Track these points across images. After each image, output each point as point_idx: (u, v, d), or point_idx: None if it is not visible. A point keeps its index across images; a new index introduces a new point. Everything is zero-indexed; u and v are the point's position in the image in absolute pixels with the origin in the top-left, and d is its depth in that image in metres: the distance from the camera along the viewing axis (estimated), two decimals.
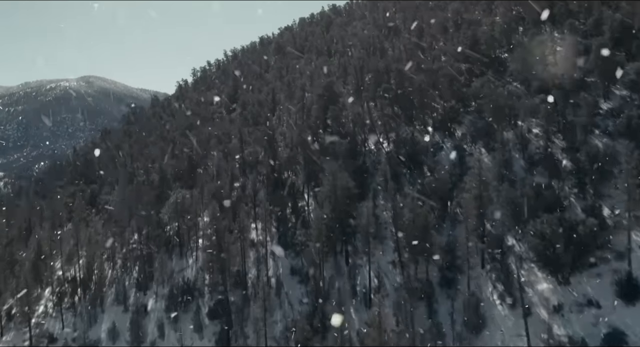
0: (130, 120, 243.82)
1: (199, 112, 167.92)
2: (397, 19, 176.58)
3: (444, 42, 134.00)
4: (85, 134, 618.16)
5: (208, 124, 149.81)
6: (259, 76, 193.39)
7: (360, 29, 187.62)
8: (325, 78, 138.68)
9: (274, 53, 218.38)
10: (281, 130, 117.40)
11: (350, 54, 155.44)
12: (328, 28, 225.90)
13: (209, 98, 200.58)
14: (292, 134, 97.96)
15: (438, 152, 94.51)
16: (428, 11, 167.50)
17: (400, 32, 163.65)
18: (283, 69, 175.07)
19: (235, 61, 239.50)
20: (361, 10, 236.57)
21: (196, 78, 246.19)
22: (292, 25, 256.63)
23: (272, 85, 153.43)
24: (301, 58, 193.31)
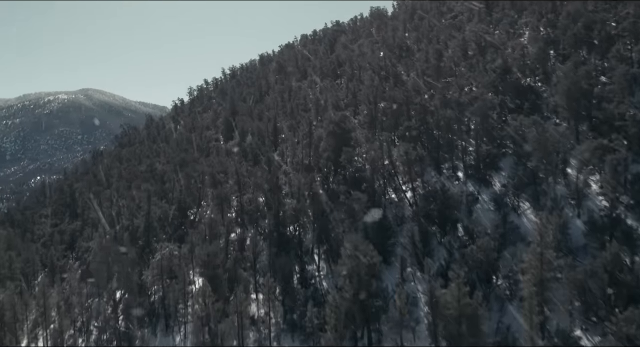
0: (122, 142, 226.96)
1: (193, 139, 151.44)
2: (409, 38, 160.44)
3: (468, 68, 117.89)
4: (83, 148, 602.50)
5: (202, 157, 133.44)
6: (259, 98, 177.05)
7: (369, 48, 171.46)
8: (333, 108, 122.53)
9: (274, 72, 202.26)
10: (285, 169, 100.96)
11: (360, 78, 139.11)
12: (332, 46, 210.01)
13: (205, 121, 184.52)
14: (298, 180, 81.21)
15: (473, 205, 77.87)
16: (444, 30, 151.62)
17: (413, 54, 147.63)
18: (285, 92, 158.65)
19: (233, 80, 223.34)
20: (367, 27, 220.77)
21: (192, 97, 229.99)
22: (294, 42, 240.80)
23: (273, 112, 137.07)
24: (304, 79, 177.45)
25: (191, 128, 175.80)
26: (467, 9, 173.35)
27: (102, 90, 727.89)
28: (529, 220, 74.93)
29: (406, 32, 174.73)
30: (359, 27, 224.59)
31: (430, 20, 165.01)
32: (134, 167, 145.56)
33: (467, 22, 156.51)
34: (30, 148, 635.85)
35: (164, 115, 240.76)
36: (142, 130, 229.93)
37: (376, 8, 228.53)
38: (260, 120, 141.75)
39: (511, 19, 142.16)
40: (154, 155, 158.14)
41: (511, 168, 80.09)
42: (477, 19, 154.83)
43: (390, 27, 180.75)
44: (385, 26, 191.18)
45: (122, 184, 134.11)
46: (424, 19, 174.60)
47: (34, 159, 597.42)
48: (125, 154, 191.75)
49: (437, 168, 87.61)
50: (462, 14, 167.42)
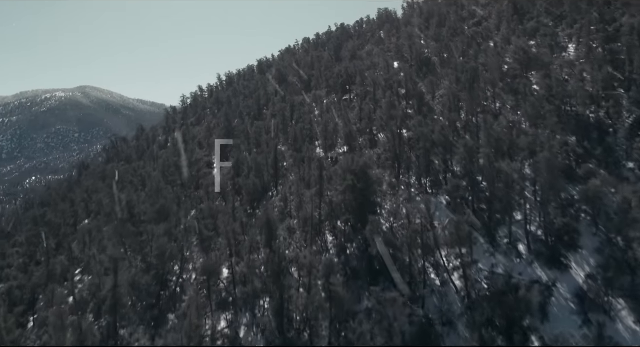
0: (110, 155, 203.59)
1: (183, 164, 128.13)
2: (428, 48, 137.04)
3: (508, 90, 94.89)
4: (80, 147, 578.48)
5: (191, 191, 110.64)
6: (257, 113, 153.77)
7: (381, 58, 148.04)
8: (345, 137, 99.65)
9: (274, 80, 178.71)
10: (290, 225, 78.34)
11: (374, 96, 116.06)
12: (337, 52, 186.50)
13: (198, 136, 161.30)
14: (308, 262, 58.36)
15: (547, 302, 55.44)
16: (469, 39, 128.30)
17: (436, 69, 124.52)
18: (286, 110, 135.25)
19: (230, 88, 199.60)
20: (374, 31, 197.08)
21: (185, 106, 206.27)
22: (295, 46, 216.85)
23: (275, 141, 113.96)
24: (308, 92, 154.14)
25: (182, 146, 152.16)
26: (490, 12, 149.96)
27: (100, 87, 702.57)
28: (626, 327, 52.79)
29: (422, 39, 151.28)
30: (366, 30, 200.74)
31: (451, 26, 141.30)
32: (111, 203, 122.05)
33: (494, 29, 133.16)
34: (27, 146, 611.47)
35: (156, 125, 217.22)
36: (132, 142, 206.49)
37: (384, 10, 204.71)
38: (258, 146, 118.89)
39: (548, 27, 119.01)
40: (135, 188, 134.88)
41: (594, 245, 57.85)
42: (507, 26, 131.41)
43: (404, 34, 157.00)
44: (397, 31, 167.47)
45: (95, 225, 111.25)
46: (443, 24, 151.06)
47: (31, 158, 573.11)
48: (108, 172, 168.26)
49: (490, 235, 65.00)
50: (487, 20, 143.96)
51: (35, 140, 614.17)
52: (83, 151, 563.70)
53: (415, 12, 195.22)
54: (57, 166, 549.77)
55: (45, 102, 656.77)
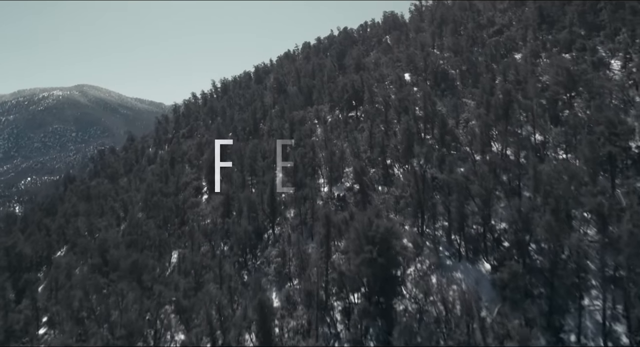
0: (96, 168, 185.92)
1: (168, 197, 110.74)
2: (445, 59, 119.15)
3: (551, 118, 77.48)
4: (76, 146, 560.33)
5: (176, 227, 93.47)
6: (253, 128, 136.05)
7: (390, 68, 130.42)
8: (354, 174, 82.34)
9: (271, 91, 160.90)
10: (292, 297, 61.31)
11: (387, 117, 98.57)
12: (340, 59, 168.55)
13: (189, 152, 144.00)
14: None
15: None
16: (492, 52, 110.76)
17: (455, 86, 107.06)
18: (284, 128, 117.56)
19: (225, 96, 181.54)
20: (380, 35, 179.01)
21: (178, 115, 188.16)
22: (294, 51, 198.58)
23: (271, 173, 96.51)
24: (309, 106, 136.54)
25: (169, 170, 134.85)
26: (511, 19, 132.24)
27: (98, 86, 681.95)
28: None
29: (434, 48, 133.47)
30: (371, 35, 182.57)
31: (469, 35, 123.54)
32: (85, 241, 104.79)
33: (519, 39, 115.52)
34: (24, 145, 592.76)
35: (146, 135, 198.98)
36: (121, 153, 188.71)
37: (390, 13, 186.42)
38: (253, 172, 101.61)
39: (584, 38, 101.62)
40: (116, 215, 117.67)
41: None
42: (532, 35, 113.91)
43: (414, 42, 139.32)
44: (407, 38, 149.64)
45: (67, 261, 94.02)
46: (457, 31, 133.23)
47: (27, 157, 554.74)
48: (93, 190, 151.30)
49: (552, 328, 47.94)
50: (508, 28, 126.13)
51: (32, 139, 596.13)
52: (79, 151, 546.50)
53: (424, 16, 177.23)
54: (53, 166, 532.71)
55: (42, 101, 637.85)
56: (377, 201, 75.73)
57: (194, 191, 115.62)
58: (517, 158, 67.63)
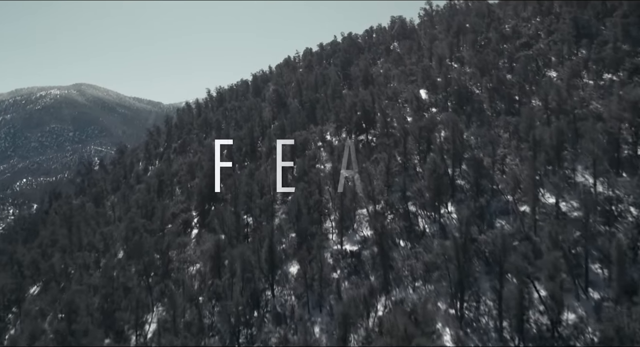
0: (82, 182, 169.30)
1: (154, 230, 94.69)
2: (467, 75, 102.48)
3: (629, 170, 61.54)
4: (73, 147, 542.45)
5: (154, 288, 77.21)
6: (250, 150, 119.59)
7: (402, 82, 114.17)
8: (371, 219, 66.30)
9: (270, 103, 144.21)
10: None
11: (405, 148, 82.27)
12: (345, 67, 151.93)
13: (179, 168, 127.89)
14: None
15: None
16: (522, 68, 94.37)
17: (480, 107, 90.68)
18: (286, 154, 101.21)
19: (220, 108, 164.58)
20: (387, 42, 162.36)
21: (170, 126, 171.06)
22: (295, 58, 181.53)
23: (270, 213, 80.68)
24: (312, 124, 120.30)
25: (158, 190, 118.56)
26: (537, 29, 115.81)
27: (96, 85, 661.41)
28: None
29: (453, 60, 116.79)
30: (377, 42, 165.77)
31: (492, 47, 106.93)
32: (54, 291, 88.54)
33: (554, 55, 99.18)
34: (21, 145, 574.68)
35: (137, 148, 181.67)
36: (109, 168, 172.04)
37: (398, 18, 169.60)
38: (249, 211, 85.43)
39: (629, 55, 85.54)
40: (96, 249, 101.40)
41: None
42: (568, 50, 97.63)
43: (428, 52, 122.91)
44: (419, 48, 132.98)
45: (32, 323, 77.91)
46: (480, 43, 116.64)
47: (24, 157, 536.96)
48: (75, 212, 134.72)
49: None
50: (537, 40, 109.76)
51: (29, 139, 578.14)
52: (76, 151, 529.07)
53: (435, 21, 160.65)
54: (50, 167, 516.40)
55: (40, 100, 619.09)
56: (401, 264, 59.81)
57: (182, 225, 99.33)
58: (586, 220, 51.36)
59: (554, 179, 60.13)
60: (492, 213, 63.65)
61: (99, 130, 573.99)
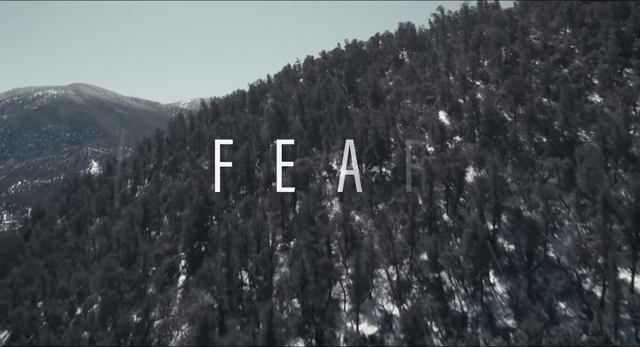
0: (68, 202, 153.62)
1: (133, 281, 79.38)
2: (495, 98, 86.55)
3: None
4: (70, 148, 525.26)
5: None
6: (246, 176, 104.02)
7: (417, 100, 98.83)
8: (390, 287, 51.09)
9: (269, 119, 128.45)
10: None
11: (430, 194, 66.93)
12: (350, 78, 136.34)
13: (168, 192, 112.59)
14: None
15: None
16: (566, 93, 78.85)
17: (515, 140, 75.16)
18: (285, 180, 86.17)
19: (215, 122, 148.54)
20: (395, 51, 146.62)
21: (160, 141, 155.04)
22: (295, 67, 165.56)
23: (266, 250, 65.58)
24: (315, 148, 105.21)
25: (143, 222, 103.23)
26: (569, 42, 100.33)
27: (94, 85, 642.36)
28: None
29: (474, 77, 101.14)
30: (385, 50, 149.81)
31: (524, 65, 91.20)
32: None
33: (598, 77, 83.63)
34: (17, 146, 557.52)
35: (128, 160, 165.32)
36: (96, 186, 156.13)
37: (407, 24, 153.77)
38: (243, 264, 70.13)
39: None
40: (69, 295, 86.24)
41: None
42: (613, 71, 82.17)
43: (445, 66, 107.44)
44: (434, 61, 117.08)
45: None
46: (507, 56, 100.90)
47: (20, 158, 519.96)
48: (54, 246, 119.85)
49: None
50: (572, 56, 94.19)
51: (25, 139, 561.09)
52: (72, 153, 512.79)
53: (447, 28, 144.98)
54: (46, 169, 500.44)
55: (37, 100, 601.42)
56: None
57: (167, 271, 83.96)
58: None
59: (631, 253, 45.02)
60: (551, 294, 48.59)
61: (96, 131, 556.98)
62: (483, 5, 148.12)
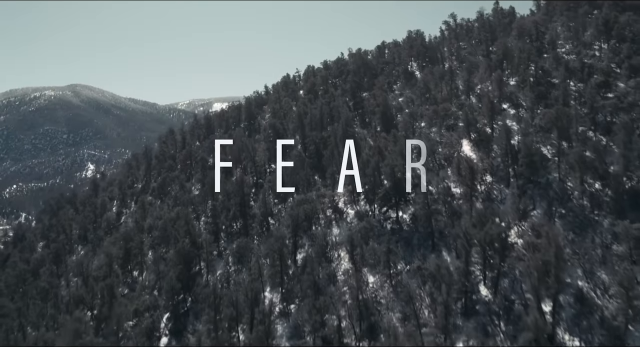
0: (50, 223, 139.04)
1: None
2: (536, 125, 72.20)
3: None
4: (66, 150, 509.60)
5: None
6: (239, 210, 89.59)
7: (436, 124, 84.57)
8: None
9: (266, 140, 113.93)
10: None
11: (466, 257, 52.86)
12: (355, 94, 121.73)
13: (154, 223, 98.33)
14: None
15: None
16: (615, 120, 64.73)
17: (563, 188, 61.07)
18: (285, 219, 72.24)
19: (207, 140, 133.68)
20: (404, 62, 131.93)
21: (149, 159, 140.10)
22: (294, 78, 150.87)
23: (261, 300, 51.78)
24: (317, 173, 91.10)
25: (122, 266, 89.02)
26: (609, 59, 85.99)
27: (91, 86, 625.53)
28: None
29: (501, 99, 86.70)
30: (392, 61, 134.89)
31: (564, 89, 76.72)
32: None
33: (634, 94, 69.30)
34: (14, 148, 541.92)
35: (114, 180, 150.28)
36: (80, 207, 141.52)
37: (416, 33, 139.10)
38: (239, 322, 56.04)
39: None
40: None
41: None
42: None
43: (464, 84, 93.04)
44: (451, 77, 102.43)
45: None
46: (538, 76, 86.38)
47: (17, 160, 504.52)
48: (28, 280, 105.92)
49: None
50: (615, 77, 79.81)
51: (22, 141, 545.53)
52: (69, 155, 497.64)
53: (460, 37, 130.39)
54: (42, 172, 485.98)
55: (34, 101, 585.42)
56: None
57: (146, 334, 69.67)
58: None
59: None
60: None
61: (94, 132, 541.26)
62: (499, 11, 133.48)
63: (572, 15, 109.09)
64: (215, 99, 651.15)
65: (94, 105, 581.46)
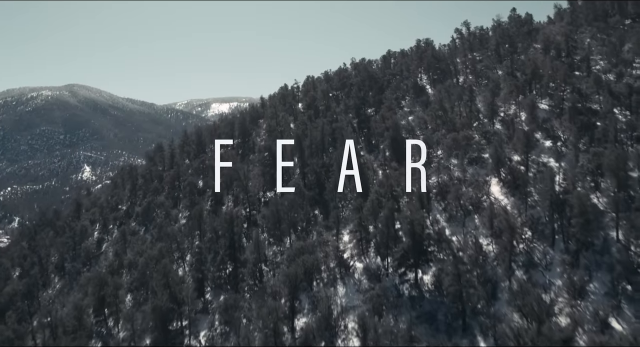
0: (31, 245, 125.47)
1: None
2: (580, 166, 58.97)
3: None
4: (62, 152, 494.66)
5: None
6: (230, 259, 76.05)
7: (452, 152, 71.22)
8: None
9: (261, 163, 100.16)
10: None
11: None
12: (359, 111, 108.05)
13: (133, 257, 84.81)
14: None
15: None
16: None
17: (626, 263, 48.00)
18: (277, 279, 59.08)
19: (197, 160, 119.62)
20: (412, 74, 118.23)
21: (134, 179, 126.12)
22: (292, 88, 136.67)
23: None
24: (322, 208, 77.65)
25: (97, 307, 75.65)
26: None
27: (89, 86, 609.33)
28: None
29: (538, 128, 73.14)
30: (400, 74, 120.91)
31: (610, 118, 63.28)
32: None
33: None
34: (10, 148, 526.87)
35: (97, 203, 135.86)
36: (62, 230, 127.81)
37: (425, 41, 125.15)
38: None
39: None
40: None
41: None
42: None
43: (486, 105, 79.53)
44: (471, 98, 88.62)
45: None
46: (571, 102, 72.79)
47: (13, 161, 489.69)
48: None
49: None
50: None
51: (18, 141, 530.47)
52: (65, 157, 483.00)
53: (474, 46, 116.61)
54: (37, 173, 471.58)
55: (30, 101, 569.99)
56: None
57: None
58: None
59: None
60: None
61: (90, 133, 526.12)
62: (515, 19, 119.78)
63: (602, 26, 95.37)
64: (214, 99, 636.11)
65: (91, 106, 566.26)
